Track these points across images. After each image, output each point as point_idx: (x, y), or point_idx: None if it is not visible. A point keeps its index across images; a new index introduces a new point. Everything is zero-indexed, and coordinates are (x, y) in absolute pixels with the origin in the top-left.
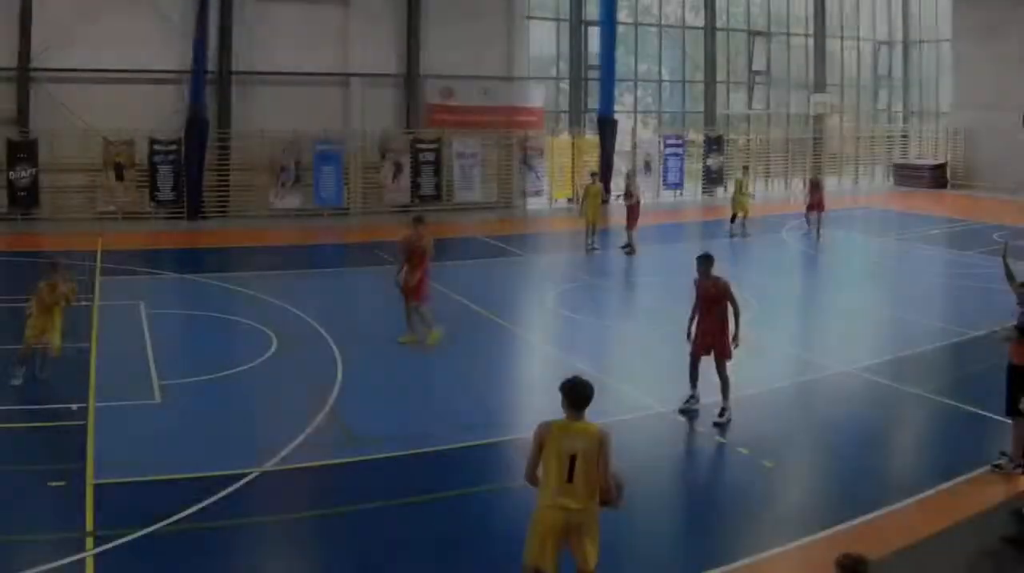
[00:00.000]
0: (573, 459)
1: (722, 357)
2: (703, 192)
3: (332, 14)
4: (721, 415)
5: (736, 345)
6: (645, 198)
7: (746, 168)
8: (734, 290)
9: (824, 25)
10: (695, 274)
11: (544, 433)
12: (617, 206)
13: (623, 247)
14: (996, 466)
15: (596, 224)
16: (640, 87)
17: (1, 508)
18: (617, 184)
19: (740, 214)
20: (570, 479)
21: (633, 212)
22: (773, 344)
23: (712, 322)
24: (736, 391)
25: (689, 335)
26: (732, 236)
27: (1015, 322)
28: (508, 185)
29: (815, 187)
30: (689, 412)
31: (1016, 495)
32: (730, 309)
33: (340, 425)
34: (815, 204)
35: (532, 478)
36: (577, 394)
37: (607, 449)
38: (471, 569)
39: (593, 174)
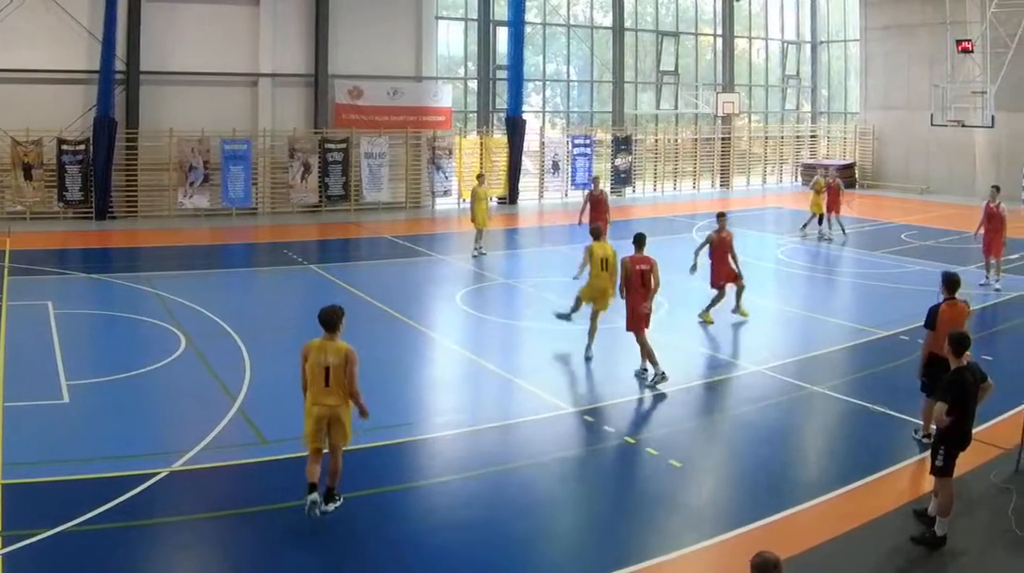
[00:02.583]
0: (328, 370)
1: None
2: (611, 192)
3: (241, 14)
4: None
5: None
6: (552, 198)
7: (826, 168)
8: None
9: (732, 25)
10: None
11: (307, 350)
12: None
13: None
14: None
15: (485, 227)
16: (548, 87)
17: None
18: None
19: (819, 213)
20: (327, 384)
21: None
22: (682, 344)
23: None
24: (645, 390)
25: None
26: (823, 239)
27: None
28: (416, 185)
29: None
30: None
31: (920, 495)
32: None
33: (248, 425)
34: (832, 205)
35: (304, 385)
36: (325, 318)
37: (351, 363)
38: (379, 567)
39: (479, 176)
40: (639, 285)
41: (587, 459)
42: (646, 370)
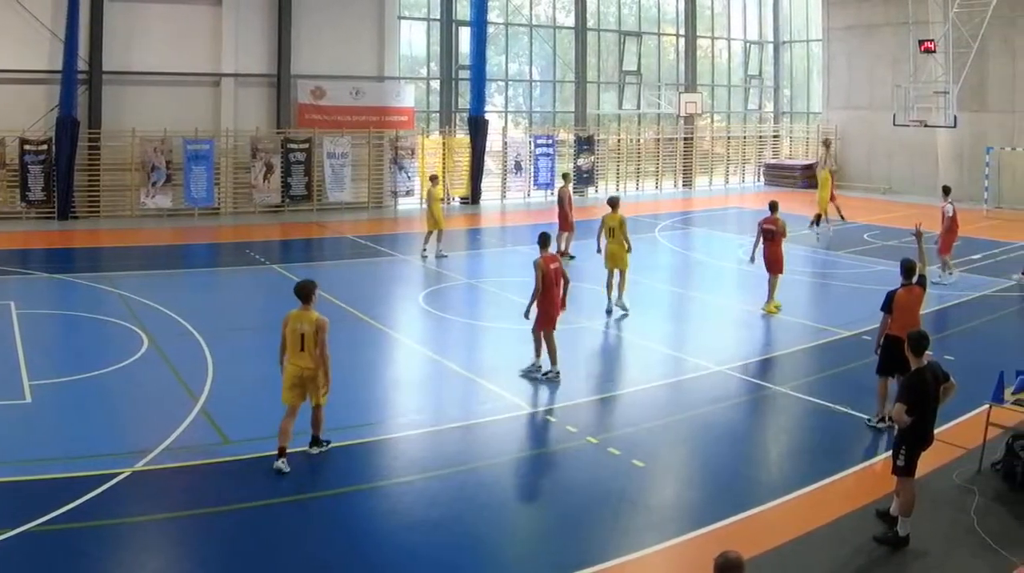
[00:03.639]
0: (302, 336)
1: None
2: (574, 192)
3: (203, 14)
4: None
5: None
6: (514, 198)
7: (824, 162)
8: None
9: (695, 25)
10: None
11: (286, 319)
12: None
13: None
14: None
15: (441, 228)
16: (511, 87)
17: None
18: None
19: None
20: (302, 348)
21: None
22: (645, 344)
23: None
24: (607, 390)
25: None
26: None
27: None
28: (379, 185)
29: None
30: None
31: (883, 495)
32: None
33: (211, 425)
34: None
35: (281, 349)
36: (299, 291)
37: (322, 330)
38: (341, 568)
39: (433, 177)
40: (553, 284)
41: (550, 459)
42: (540, 366)
